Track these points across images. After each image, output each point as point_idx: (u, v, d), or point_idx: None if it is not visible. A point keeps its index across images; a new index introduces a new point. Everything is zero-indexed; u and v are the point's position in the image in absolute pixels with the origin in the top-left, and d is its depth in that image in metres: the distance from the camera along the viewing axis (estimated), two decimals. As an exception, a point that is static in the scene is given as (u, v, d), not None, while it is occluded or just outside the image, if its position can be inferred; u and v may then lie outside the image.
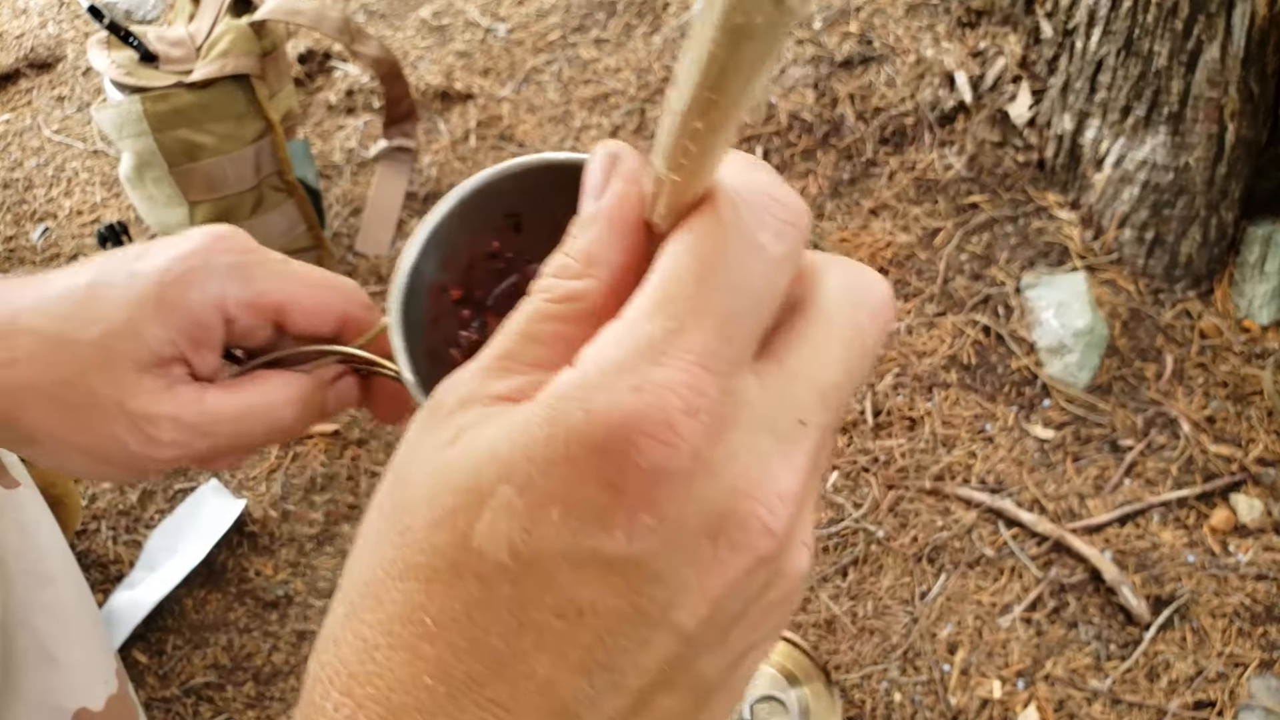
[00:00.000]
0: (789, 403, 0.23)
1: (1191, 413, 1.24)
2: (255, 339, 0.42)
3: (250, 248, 0.41)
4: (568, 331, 0.24)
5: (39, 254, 1.54)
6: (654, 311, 0.22)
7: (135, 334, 0.38)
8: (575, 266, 0.25)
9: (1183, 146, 1.30)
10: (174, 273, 0.39)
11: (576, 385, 0.22)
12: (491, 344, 0.25)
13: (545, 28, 1.74)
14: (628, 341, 0.22)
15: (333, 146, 1.61)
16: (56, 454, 0.40)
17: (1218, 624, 1.10)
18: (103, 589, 1.16)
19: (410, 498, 0.23)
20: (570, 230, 0.26)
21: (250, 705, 1.09)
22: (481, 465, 0.22)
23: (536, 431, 0.21)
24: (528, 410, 0.22)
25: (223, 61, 1.20)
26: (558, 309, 0.24)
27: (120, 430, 0.39)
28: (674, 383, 0.21)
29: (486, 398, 0.24)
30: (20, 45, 1.92)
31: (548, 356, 0.24)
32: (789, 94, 1.53)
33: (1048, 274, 1.34)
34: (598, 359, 0.22)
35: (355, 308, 0.42)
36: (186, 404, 0.39)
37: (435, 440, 0.24)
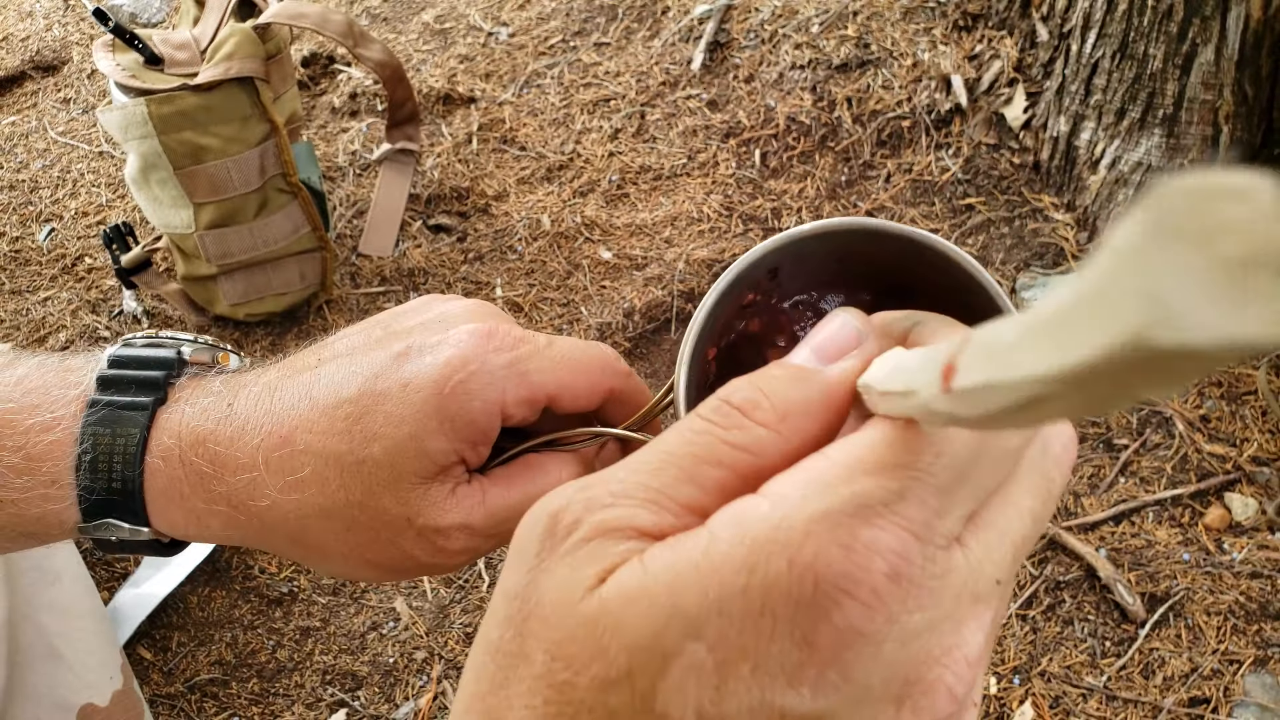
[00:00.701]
0: (989, 565, 0.22)
1: (1186, 412, 1.25)
2: (524, 423, 0.40)
3: (519, 338, 0.39)
4: (731, 483, 0.23)
5: (45, 255, 1.55)
6: (875, 470, 0.21)
7: (419, 450, 0.37)
8: (769, 414, 0.24)
9: (1177, 149, 1.31)
10: (452, 382, 0.37)
11: (778, 528, 0.21)
12: (641, 463, 0.23)
13: (546, 32, 1.75)
14: (841, 493, 0.21)
15: (336, 149, 1.63)
16: (344, 567, 0.39)
17: (1212, 621, 1.11)
18: (108, 586, 1.17)
19: (563, 648, 0.22)
20: (772, 369, 0.25)
21: (254, 701, 1.10)
22: (663, 620, 0.21)
23: (731, 579, 0.20)
24: (714, 550, 0.21)
25: (227, 64, 1.21)
26: (731, 457, 0.23)
27: (410, 545, 0.38)
28: (884, 546, 0.20)
29: (631, 530, 0.22)
30: (26, 48, 1.94)
31: (702, 503, 0.23)
32: (786, 97, 1.54)
33: (1043, 275, 1.35)
34: (803, 503, 0.21)
35: (618, 379, 0.41)
36: (473, 509, 0.38)
37: (575, 575, 0.22)
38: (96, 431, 0.38)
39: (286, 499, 0.37)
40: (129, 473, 0.38)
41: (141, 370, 0.40)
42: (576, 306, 1.38)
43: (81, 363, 0.41)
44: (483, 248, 1.47)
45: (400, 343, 0.38)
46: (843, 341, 0.26)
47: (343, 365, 0.39)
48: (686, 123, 1.57)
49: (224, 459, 0.38)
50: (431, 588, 1.16)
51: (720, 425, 0.23)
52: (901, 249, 0.38)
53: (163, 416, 0.39)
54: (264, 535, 0.39)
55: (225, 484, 0.38)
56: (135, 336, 0.43)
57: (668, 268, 1.39)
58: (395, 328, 0.40)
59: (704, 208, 1.46)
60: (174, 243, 1.35)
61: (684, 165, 1.52)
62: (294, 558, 0.40)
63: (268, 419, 0.38)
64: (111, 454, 0.38)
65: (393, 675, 1.10)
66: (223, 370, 0.42)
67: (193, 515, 0.39)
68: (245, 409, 0.38)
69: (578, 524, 0.23)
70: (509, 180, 1.54)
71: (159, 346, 0.42)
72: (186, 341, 0.43)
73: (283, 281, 1.37)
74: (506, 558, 0.24)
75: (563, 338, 0.40)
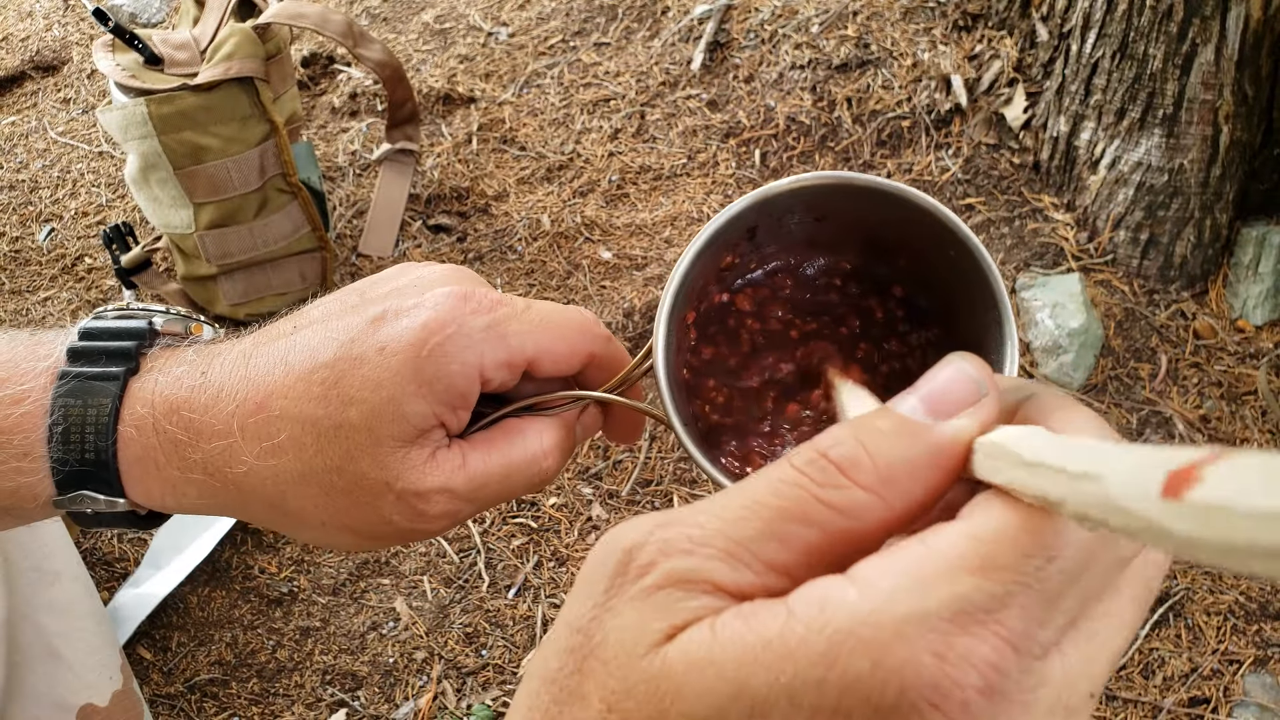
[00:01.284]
0: (1084, 680, 0.21)
1: (1186, 412, 1.25)
2: (505, 388, 0.40)
3: (497, 301, 0.38)
4: (821, 546, 0.21)
5: (45, 255, 1.55)
6: (976, 569, 0.20)
7: (397, 413, 0.36)
8: (870, 476, 0.21)
9: (1177, 148, 1.31)
10: (430, 344, 0.36)
11: (865, 623, 0.19)
12: (724, 509, 0.22)
13: (546, 32, 1.76)
14: (940, 594, 0.19)
15: (336, 149, 1.63)
16: (322, 533, 0.39)
17: (1212, 621, 1.11)
18: (108, 586, 1.17)
19: (621, 701, 0.21)
20: (877, 421, 0.22)
21: (254, 701, 1.10)
22: (728, 697, 0.19)
23: (807, 669, 0.19)
24: (791, 633, 0.19)
25: (227, 65, 1.21)
26: (824, 517, 0.21)
27: (389, 509, 0.37)
28: (979, 658, 0.19)
29: (707, 584, 0.21)
30: (26, 48, 1.94)
31: (786, 562, 0.21)
32: (786, 97, 1.54)
33: (1043, 275, 1.35)
34: (894, 598, 0.19)
35: (598, 343, 0.41)
36: (453, 473, 0.37)
37: (642, 625, 0.21)
38: (67, 403, 0.38)
39: (263, 465, 0.37)
40: (101, 443, 0.37)
41: (112, 341, 0.39)
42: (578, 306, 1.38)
43: (52, 336, 0.41)
44: (483, 248, 1.47)
45: (376, 307, 0.38)
46: (958, 395, 0.23)
47: (318, 331, 0.38)
48: (686, 123, 1.57)
49: (199, 426, 0.37)
50: (431, 588, 1.16)
51: (815, 481, 0.22)
52: (880, 203, 0.38)
53: (135, 386, 0.39)
54: (241, 503, 0.38)
55: (200, 451, 0.37)
56: (106, 309, 0.43)
57: (667, 268, 1.39)
58: (370, 294, 0.39)
59: (704, 208, 1.46)
60: (174, 243, 1.35)
61: (684, 165, 1.52)
62: (272, 525, 0.40)
63: (243, 385, 0.37)
64: (84, 424, 0.37)
65: (393, 675, 1.10)
66: (195, 340, 0.42)
67: (168, 484, 0.38)
68: (220, 376, 0.38)
69: (651, 567, 0.22)
70: (509, 180, 1.54)
71: (130, 318, 0.41)
72: (158, 312, 0.42)
73: (283, 281, 1.37)
74: (575, 583, 0.23)
75: (542, 301, 0.40)
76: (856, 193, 0.38)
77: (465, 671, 1.10)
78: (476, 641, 1.12)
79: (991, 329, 0.37)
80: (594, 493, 1.21)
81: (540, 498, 1.21)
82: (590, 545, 1.16)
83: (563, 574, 1.15)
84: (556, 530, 1.19)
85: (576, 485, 1.22)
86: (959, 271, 0.38)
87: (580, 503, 1.20)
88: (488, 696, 1.07)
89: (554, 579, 1.15)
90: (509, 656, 1.10)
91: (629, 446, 1.20)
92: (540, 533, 1.19)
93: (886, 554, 0.21)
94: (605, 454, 1.24)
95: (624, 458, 1.23)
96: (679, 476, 1.21)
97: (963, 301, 0.39)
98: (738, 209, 0.38)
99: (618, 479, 1.22)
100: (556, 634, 0.23)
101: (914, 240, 0.39)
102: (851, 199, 0.38)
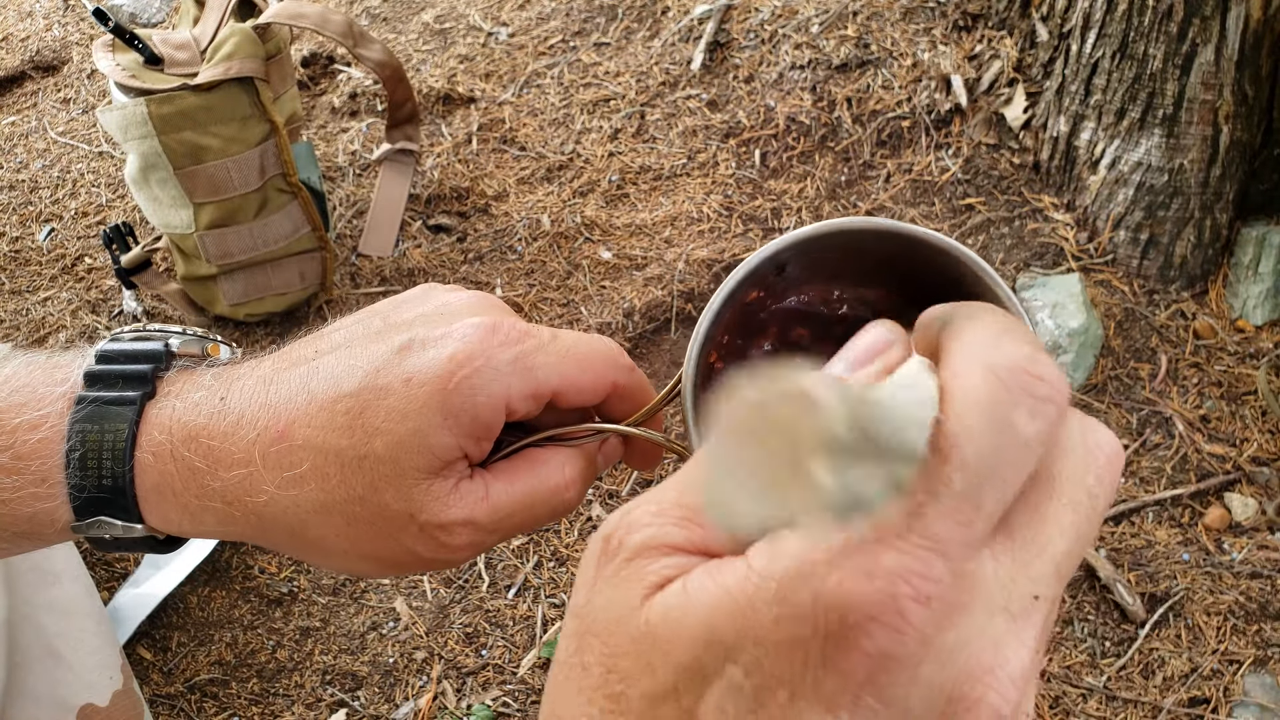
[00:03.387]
0: (1024, 579, 0.22)
1: (1186, 412, 1.25)
2: (527, 418, 0.40)
3: (524, 333, 0.38)
4: None
5: (45, 255, 1.55)
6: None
7: (423, 445, 0.36)
8: None
9: (1177, 149, 1.32)
10: (457, 377, 0.36)
11: (805, 561, 0.21)
12: (672, 485, 0.25)
13: (546, 32, 1.76)
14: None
15: (336, 149, 1.63)
16: (344, 561, 0.39)
17: (1212, 621, 1.11)
18: (108, 586, 1.17)
19: (616, 662, 0.23)
20: (801, 381, 0.24)
21: (254, 702, 1.10)
22: (703, 645, 0.22)
23: (763, 611, 0.21)
24: (748, 582, 0.21)
25: (227, 64, 1.21)
26: None
27: (412, 540, 0.37)
28: (907, 569, 0.20)
29: (667, 546, 0.23)
30: (26, 48, 1.94)
31: None
32: (786, 97, 1.54)
33: (1043, 275, 1.35)
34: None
35: (621, 374, 0.41)
36: (476, 505, 0.37)
37: (624, 593, 0.23)
38: (84, 428, 0.38)
39: (284, 495, 0.37)
40: (118, 469, 0.37)
41: (129, 365, 0.39)
42: (576, 306, 1.38)
43: (69, 359, 0.40)
44: (483, 248, 1.47)
45: (401, 335, 0.38)
46: (872, 349, 0.26)
47: (341, 358, 0.38)
48: (686, 123, 1.57)
49: (218, 454, 0.37)
50: (431, 588, 1.16)
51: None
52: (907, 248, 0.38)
53: (152, 411, 0.38)
54: (261, 531, 0.38)
55: (219, 480, 0.37)
56: (124, 330, 0.42)
57: (668, 268, 1.39)
58: (394, 319, 0.39)
59: (704, 208, 1.46)
60: (174, 243, 1.35)
61: (684, 165, 1.52)
62: (293, 554, 0.39)
63: (263, 413, 0.37)
64: (101, 450, 0.37)
65: (393, 675, 1.10)
66: (214, 362, 0.41)
67: (186, 512, 0.38)
68: (239, 403, 0.38)
69: (621, 545, 0.24)
70: (509, 180, 1.54)
71: (146, 340, 0.41)
72: (175, 334, 0.42)
73: (283, 281, 1.37)
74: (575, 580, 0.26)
75: (567, 332, 0.40)
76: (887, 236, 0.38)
77: (465, 671, 1.10)
78: (476, 641, 1.12)
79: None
80: (594, 493, 1.21)
81: (540, 498, 1.22)
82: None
83: (563, 574, 1.15)
84: (556, 530, 1.19)
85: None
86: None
87: (580, 503, 1.20)
88: (488, 696, 1.07)
89: (554, 579, 1.15)
90: (509, 656, 1.10)
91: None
92: (540, 533, 1.19)
93: None
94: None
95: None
96: (679, 476, 1.21)
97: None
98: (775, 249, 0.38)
99: (618, 479, 1.22)
100: (564, 624, 0.26)
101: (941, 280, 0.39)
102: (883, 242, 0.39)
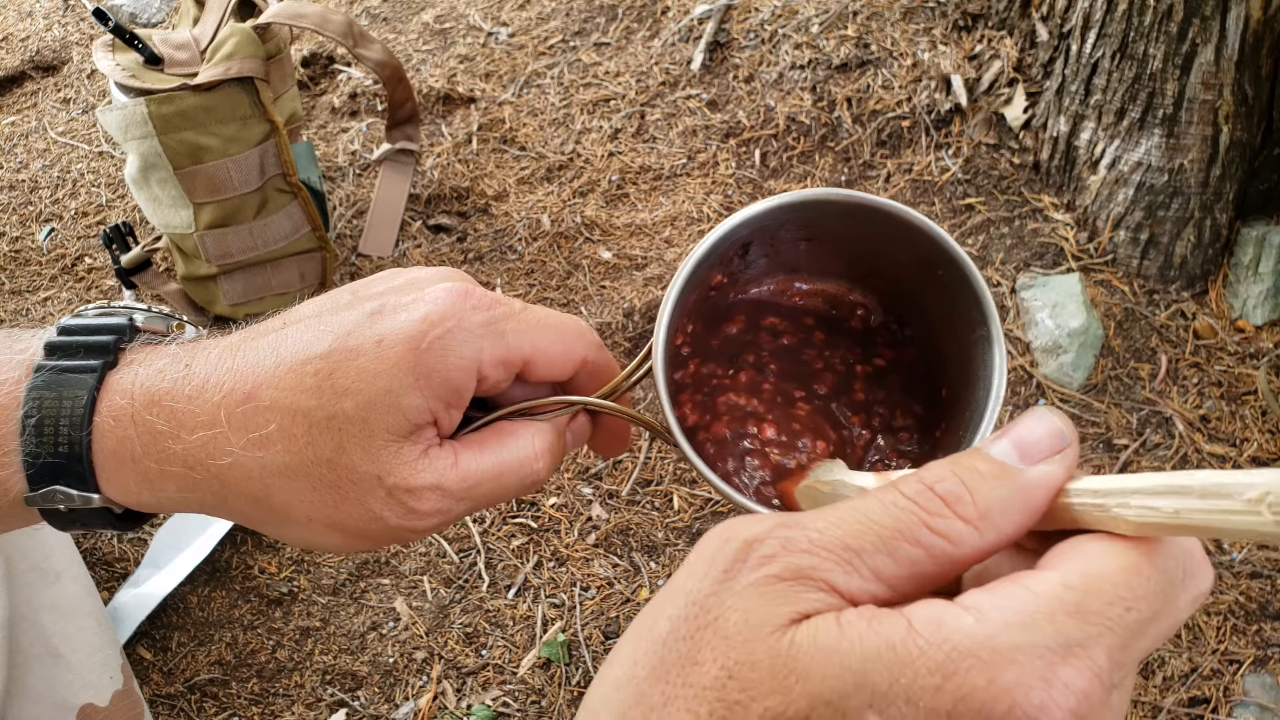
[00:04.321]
0: (1126, 702, 0.25)
1: (1186, 412, 1.25)
2: (496, 390, 0.40)
3: (495, 300, 0.38)
4: (923, 565, 0.25)
5: (45, 255, 1.55)
6: (1075, 612, 0.23)
7: (393, 405, 0.36)
8: (970, 510, 0.25)
9: (1177, 149, 1.32)
10: (430, 337, 0.36)
11: (983, 646, 0.22)
12: (841, 516, 0.25)
13: (546, 32, 1.76)
14: (1045, 629, 0.23)
15: (336, 149, 1.63)
16: (308, 531, 0.38)
17: (1212, 621, 1.11)
18: (108, 586, 1.17)
19: (743, 671, 0.23)
20: (974, 461, 0.26)
21: (254, 701, 1.10)
22: (851, 685, 0.22)
23: (925, 677, 0.22)
24: (912, 643, 0.22)
25: (227, 64, 1.21)
26: (930, 541, 0.25)
27: (379, 505, 0.37)
28: (1075, 686, 0.22)
29: (825, 583, 0.24)
30: (26, 48, 1.94)
31: (893, 574, 0.25)
32: (786, 97, 1.54)
33: (1043, 275, 1.35)
34: (1006, 628, 0.23)
35: (591, 350, 0.41)
36: (445, 471, 0.37)
37: (767, 608, 0.24)
38: (41, 395, 0.37)
39: (249, 457, 0.36)
40: (75, 434, 0.37)
41: (91, 336, 0.39)
42: (576, 306, 1.38)
43: (31, 334, 0.40)
44: (483, 248, 1.47)
45: (372, 303, 0.38)
46: (1047, 443, 0.26)
47: (310, 325, 0.38)
48: (686, 123, 1.57)
49: (181, 416, 0.37)
50: (431, 588, 1.16)
51: (924, 510, 0.25)
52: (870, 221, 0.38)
53: (113, 378, 0.38)
54: (222, 497, 0.37)
55: (182, 442, 0.37)
56: (88, 307, 0.43)
57: (668, 268, 1.39)
58: (364, 293, 0.39)
59: (704, 208, 1.46)
60: (174, 243, 1.35)
61: (684, 165, 1.52)
62: (253, 522, 0.39)
63: (229, 376, 0.37)
64: (58, 416, 0.37)
65: (393, 675, 1.10)
66: (179, 338, 0.41)
67: (145, 478, 0.37)
68: (205, 368, 0.37)
69: (773, 559, 0.25)
70: (509, 180, 1.54)
71: (110, 315, 0.41)
72: (140, 309, 0.42)
73: (283, 281, 1.37)
74: (688, 562, 0.26)
75: (537, 305, 0.40)
76: (847, 210, 0.38)
77: (465, 671, 1.10)
78: (476, 641, 1.12)
79: (979, 345, 0.38)
80: (594, 493, 1.21)
81: (540, 498, 1.21)
82: (590, 545, 1.17)
83: (563, 574, 1.15)
84: (556, 530, 1.19)
85: (576, 485, 1.22)
86: (948, 292, 0.38)
87: (580, 503, 1.20)
88: (488, 696, 1.07)
89: (554, 579, 1.15)
90: (509, 656, 1.10)
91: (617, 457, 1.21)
92: (540, 533, 1.19)
93: (992, 590, 0.24)
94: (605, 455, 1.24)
95: (624, 458, 1.23)
96: (679, 477, 1.21)
97: (946, 321, 0.39)
98: (731, 225, 0.38)
99: (618, 479, 1.22)
100: (664, 601, 0.25)
101: (901, 260, 0.39)
102: (841, 216, 0.39)
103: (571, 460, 1.24)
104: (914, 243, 0.38)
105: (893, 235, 0.38)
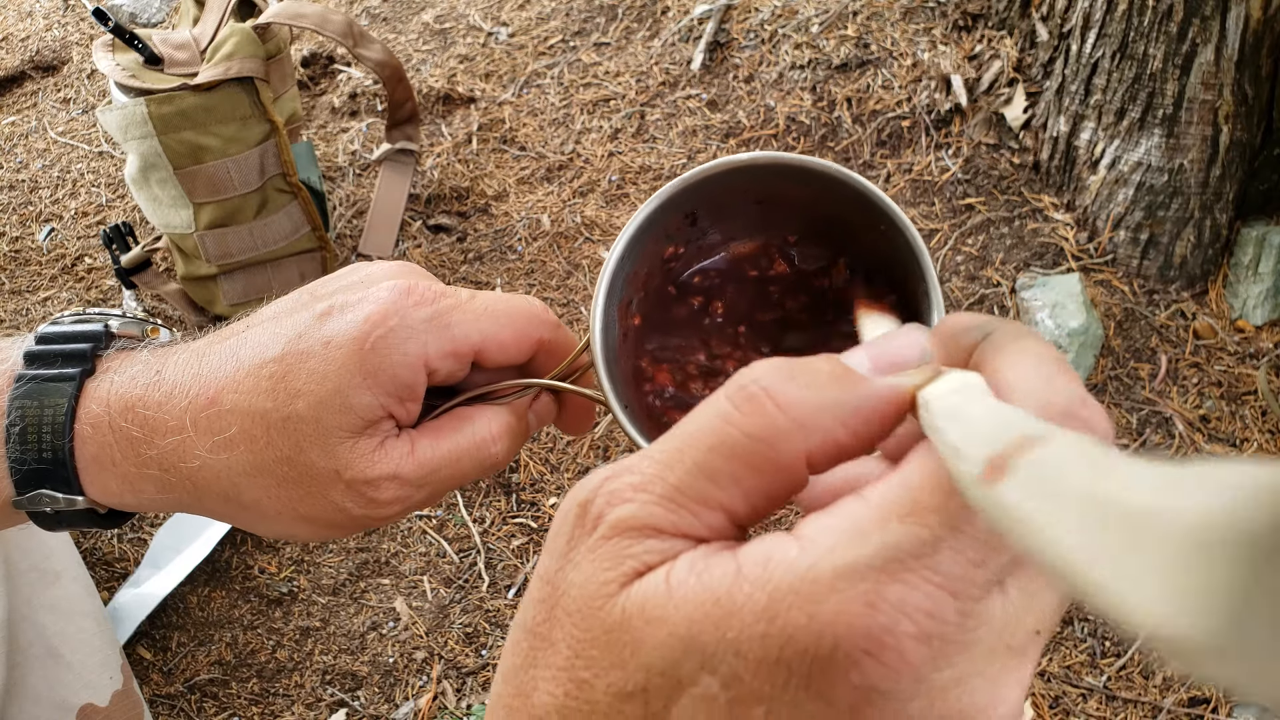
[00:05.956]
0: (1029, 616, 0.21)
1: (1186, 412, 1.25)
2: (453, 379, 0.41)
3: (440, 293, 0.39)
4: (747, 478, 0.22)
5: (45, 255, 1.55)
6: (905, 514, 0.20)
7: (344, 405, 0.37)
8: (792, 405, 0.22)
9: (1177, 149, 1.32)
10: (372, 337, 0.37)
11: (802, 578, 0.20)
12: (654, 457, 0.23)
13: (546, 32, 1.76)
14: (869, 541, 0.20)
15: (336, 149, 1.63)
16: (279, 524, 0.40)
17: (1211, 621, 1.11)
18: (108, 586, 1.17)
19: (585, 648, 0.22)
20: (816, 362, 0.23)
21: (254, 701, 1.10)
22: (680, 650, 0.20)
23: (751, 626, 0.20)
24: (737, 589, 0.20)
25: (227, 64, 1.21)
26: (746, 448, 0.22)
27: (340, 497, 0.38)
28: (911, 605, 0.19)
29: (649, 528, 0.22)
30: (26, 48, 1.94)
31: (718, 498, 0.22)
32: (786, 97, 1.54)
33: (1043, 275, 1.35)
34: (831, 552, 0.20)
35: (547, 330, 0.41)
36: (401, 460, 0.38)
37: (600, 573, 0.22)
38: (24, 404, 0.39)
39: (216, 459, 0.38)
40: (58, 442, 0.38)
41: (68, 344, 0.41)
42: (576, 306, 1.38)
43: (9, 343, 0.42)
44: (482, 248, 1.47)
45: (323, 303, 0.39)
46: (903, 357, 0.24)
47: (268, 328, 0.39)
48: (686, 123, 1.57)
49: (153, 423, 0.38)
50: (431, 588, 1.16)
51: (738, 411, 0.22)
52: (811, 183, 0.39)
53: (91, 386, 0.40)
54: (197, 497, 0.39)
55: (155, 447, 0.38)
56: (64, 315, 0.44)
57: (667, 268, 1.39)
58: (319, 291, 0.41)
59: (704, 208, 1.46)
60: (174, 243, 1.35)
61: (684, 165, 1.52)
62: (229, 519, 0.41)
63: (194, 382, 0.39)
64: (40, 424, 0.39)
65: (392, 675, 1.10)
66: (153, 343, 0.43)
67: (126, 481, 0.39)
68: (173, 374, 0.39)
69: (601, 518, 0.23)
70: (509, 180, 1.54)
71: (86, 322, 0.42)
72: (115, 316, 0.44)
73: (283, 281, 1.37)
74: (545, 541, 0.25)
75: (487, 291, 0.41)
76: (788, 172, 0.39)
77: (465, 671, 1.10)
78: (476, 641, 1.12)
79: (921, 301, 0.38)
80: (594, 493, 1.21)
81: (540, 498, 1.22)
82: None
83: (563, 574, 1.15)
84: (556, 530, 1.19)
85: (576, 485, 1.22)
86: (894, 247, 0.39)
87: (580, 503, 1.20)
88: (487, 696, 1.07)
89: (554, 579, 1.15)
90: (509, 656, 1.10)
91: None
92: (540, 533, 1.19)
93: (829, 510, 0.21)
94: (605, 454, 1.24)
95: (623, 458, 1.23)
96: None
97: (898, 276, 0.40)
98: (669, 192, 0.39)
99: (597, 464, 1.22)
100: (531, 586, 0.24)
101: (850, 218, 0.40)
102: (785, 179, 0.39)
103: (571, 460, 1.24)
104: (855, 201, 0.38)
105: (836, 195, 0.38)
